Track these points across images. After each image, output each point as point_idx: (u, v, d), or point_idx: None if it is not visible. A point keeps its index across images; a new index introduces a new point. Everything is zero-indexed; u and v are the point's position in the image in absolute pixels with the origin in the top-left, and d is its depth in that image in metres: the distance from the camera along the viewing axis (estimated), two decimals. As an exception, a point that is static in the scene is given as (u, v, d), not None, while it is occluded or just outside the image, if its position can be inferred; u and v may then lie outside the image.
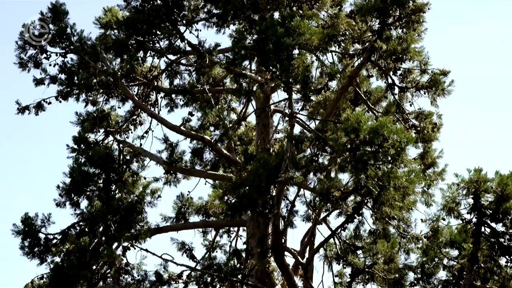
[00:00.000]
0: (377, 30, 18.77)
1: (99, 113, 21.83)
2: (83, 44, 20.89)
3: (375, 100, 21.20)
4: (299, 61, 18.04)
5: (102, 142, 21.74)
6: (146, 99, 22.29)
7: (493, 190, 18.52)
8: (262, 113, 21.87)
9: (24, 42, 20.96)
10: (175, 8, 20.64)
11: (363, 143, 16.49)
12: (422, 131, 20.60)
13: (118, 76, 20.53)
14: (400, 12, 18.56)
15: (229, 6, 19.87)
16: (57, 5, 20.99)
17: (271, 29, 18.03)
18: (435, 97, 19.53)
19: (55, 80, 21.26)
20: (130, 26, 20.42)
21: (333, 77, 19.19)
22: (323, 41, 18.66)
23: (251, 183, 17.65)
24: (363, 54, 19.09)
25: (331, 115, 19.55)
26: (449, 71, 19.42)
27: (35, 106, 21.54)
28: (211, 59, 20.45)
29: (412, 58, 18.81)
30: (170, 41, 20.85)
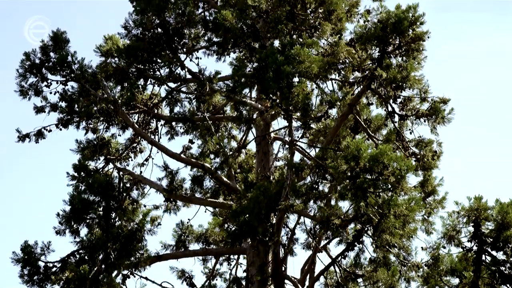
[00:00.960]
0: (377, 58, 18.85)
1: (99, 140, 21.85)
2: (83, 72, 20.96)
3: (375, 128, 21.22)
4: (299, 89, 18.09)
5: (102, 169, 21.75)
6: (146, 126, 22.33)
7: (493, 218, 18.52)
8: (262, 141, 21.89)
9: (25, 70, 21.04)
10: (175, 36, 20.73)
11: (363, 170, 16.50)
12: (422, 159, 20.59)
13: (118, 103, 20.58)
14: (400, 40, 18.65)
15: (229, 34, 19.95)
16: (58, 33, 21.09)
17: (271, 57, 18.10)
18: (435, 125, 19.55)
19: (56, 108, 21.30)
20: (130, 54, 20.49)
21: (333, 105, 19.23)
22: (323, 69, 18.73)
23: (251, 211, 17.65)
24: (363, 82, 19.15)
25: (331, 142, 19.56)
26: (449, 99, 19.47)
27: (35, 134, 21.57)
28: (212, 87, 20.51)
29: (412, 86, 18.86)
30: (171, 69, 20.92)
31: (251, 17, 20.11)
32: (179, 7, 20.54)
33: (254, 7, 19.97)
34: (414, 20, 18.55)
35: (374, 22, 18.80)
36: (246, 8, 19.88)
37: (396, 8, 18.54)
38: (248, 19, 19.98)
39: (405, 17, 18.38)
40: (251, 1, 19.90)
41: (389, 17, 18.53)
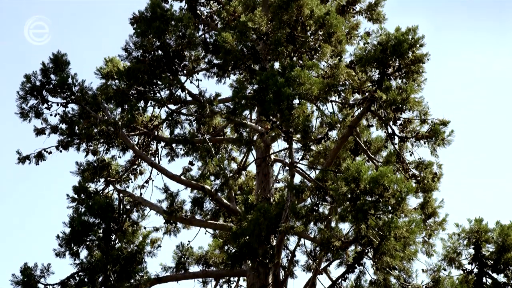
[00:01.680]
0: (377, 80, 18.89)
1: (99, 162, 21.85)
2: (84, 94, 21.01)
3: (375, 149, 21.24)
4: (299, 110, 18.12)
5: (102, 191, 21.74)
6: (147, 148, 22.33)
7: (494, 241, 18.48)
8: (263, 163, 21.89)
9: (26, 92, 21.08)
10: (176, 59, 20.78)
11: (363, 192, 16.50)
12: (422, 181, 20.59)
13: (118, 125, 20.60)
14: (400, 62, 18.70)
15: (230, 56, 20.01)
16: (58, 55, 21.16)
17: (272, 79, 18.15)
18: (435, 147, 19.55)
19: (56, 130, 21.33)
20: (131, 76, 20.54)
21: (333, 127, 19.27)
22: (323, 91, 18.78)
23: (251, 233, 17.63)
24: (363, 104, 19.18)
25: (331, 164, 19.57)
26: (449, 121, 19.48)
27: (35, 155, 21.57)
28: (212, 109, 20.54)
29: (412, 108, 18.89)
30: (171, 91, 20.96)
31: (251, 39, 20.18)
32: (179, 29, 20.61)
33: (254, 29, 20.05)
34: (413, 42, 18.61)
35: (374, 44, 18.86)
36: (246, 30, 19.95)
37: (395, 31, 18.61)
38: (248, 41, 20.05)
39: (405, 40, 18.45)
40: (251, 24, 19.97)
41: (389, 39, 18.59)
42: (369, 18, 24.04)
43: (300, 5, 19.59)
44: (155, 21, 20.29)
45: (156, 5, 20.49)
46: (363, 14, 24.01)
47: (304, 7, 19.60)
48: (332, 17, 19.58)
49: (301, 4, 19.56)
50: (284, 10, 19.61)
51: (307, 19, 19.73)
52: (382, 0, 23.91)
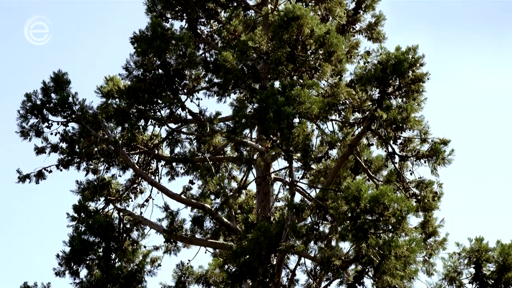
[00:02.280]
0: (377, 99, 18.92)
1: (99, 181, 21.84)
2: (84, 113, 21.03)
3: (376, 168, 21.24)
4: (300, 129, 18.14)
5: (102, 210, 21.71)
6: (147, 167, 22.33)
7: (494, 260, 18.43)
8: (263, 182, 21.88)
9: (26, 111, 21.11)
10: (176, 78, 20.83)
11: (363, 211, 16.49)
12: (423, 200, 20.58)
13: (119, 144, 20.62)
14: (400, 81, 18.74)
15: (230, 75, 20.05)
16: (59, 74, 21.20)
17: (272, 98, 18.18)
18: (436, 166, 19.56)
19: (56, 148, 21.33)
20: (131, 95, 20.58)
21: (333, 146, 19.28)
22: (323, 110, 18.80)
23: (251, 252, 17.60)
24: (363, 123, 19.20)
25: (331, 183, 19.56)
26: (449, 140, 19.48)
27: (35, 174, 21.57)
28: (212, 128, 20.56)
29: (412, 127, 18.91)
30: (171, 109, 20.98)
31: (251, 58, 20.23)
32: (180, 48, 20.67)
33: (254, 48, 20.11)
34: (414, 61, 18.66)
35: (374, 64, 18.90)
36: (246, 50, 20.01)
37: (396, 50, 18.66)
38: (248, 60, 20.10)
39: (405, 59, 18.49)
40: (252, 43, 20.03)
41: (389, 58, 18.63)
42: (369, 37, 24.11)
43: (300, 24, 19.65)
44: (155, 40, 20.35)
45: (156, 24, 20.56)
46: (363, 33, 24.09)
47: (304, 26, 19.66)
48: (332, 36, 19.64)
49: (301, 23, 19.62)
50: (285, 29, 19.67)
51: (308, 38, 19.79)
52: (382, 20, 24.00)
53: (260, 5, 23.63)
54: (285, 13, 19.64)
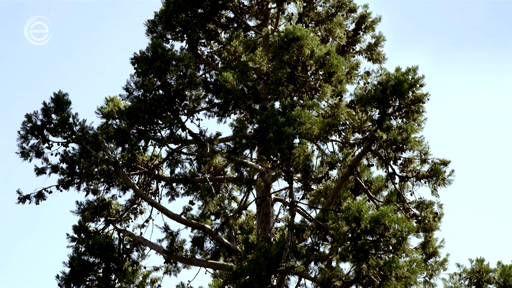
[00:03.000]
0: (377, 120, 18.94)
1: (99, 202, 21.82)
2: (85, 134, 21.05)
3: (376, 189, 21.23)
4: (300, 150, 18.16)
5: (102, 231, 21.68)
6: (147, 188, 22.33)
7: (495, 281, 18.40)
8: (263, 202, 21.87)
9: (26, 132, 21.13)
10: (176, 98, 20.86)
11: (364, 232, 16.47)
12: (423, 220, 20.56)
13: (119, 165, 20.62)
14: (400, 102, 18.77)
15: (230, 95, 20.09)
16: (60, 95, 21.24)
17: (272, 118, 18.20)
18: (436, 187, 19.55)
19: (57, 169, 21.34)
20: (132, 115, 20.61)
21: (333, 166, 19.28)
22: (323, 130, 18.82)
23: (251, 273, 17.56)
24: (363, 143, 19.22)
25: (332, 204, 19.55)
26: (449, 161, 19.50)
27: (36, 195, 21.55)
28: (212, 148, 20.57)
29: (412, 148, 18.92)
30: (172, 130, 20.99)
31: (252, 79, 20.27)
32: (180, 69, 20.71)
33: (255, 69, 20.16)
34: (414, 82, 18.70)
35: (374, 84, 18.94)
36: (247, 70, 20.05)
37: (396, 71, 18.70)
38: (249, 81, 20.14)
39: (405, 80, 18.53)
40: (252, 63, 20.08)
41: (389, 79, 18.67)
42: (369, 58, 24.18)
43: (300, 45, 19.71)
44: (156, 61, 20.40)
45: (157, 45, 20.61)
46: (363, 54, 24.16)
47: (304, 47, 19.72)
48: (333, 57, 19.70)
49: (301, 44, 19.68)
50: (285, 50, 19.72)
51: (308, 59, 19.84)
52: (381, 41, 24.08)
53: (261, 26, 23.72)
54: (285, 34, 19.71)
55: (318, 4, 23.44)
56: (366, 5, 23.91)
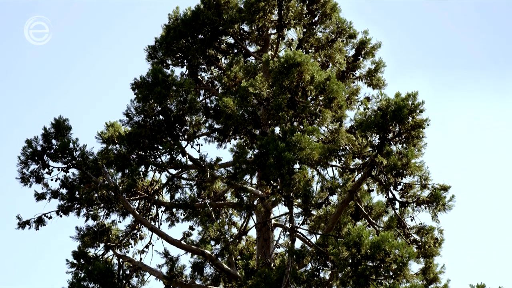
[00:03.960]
0: (377, 145, 18.95)
1: (99, 227, 21.80)
2: (85, 159, 21.06)
3: (376, 214, 21.20)
4: (300, 175, 18.15)
5: (102, 256, 21.63)
6: (147, 213, 22.31)
7: (496, 307, 18.31)
8: (263, 228, 21.84)
9: (27, 157, 21.14)
10: (177, 123, 20.89)
11: (364, 258, 16.43)
12: (424, 246, 20.51)
13: (119, 190, 20.61)
14: (400, 127, 18.79)
15: (231, 121, 20.13)
16: (60, 120, 21.27)
17: (272, 143, 18.22)
18: (436, 212, 19.54)
19: (57, 194, 21.33)
20: (132, 140, 20.63)
21: (333, 192, 19.28)
22: (323, 155, 18.83)
23: (252, 299, 17.49)
24: (363, 168, 19.22)
25: (332, 229, 19.51)
26: (450, 186, 19.49)
27: (35, 220, 21.53)
28: (212, 174, 20.57)
29: (413, 173, 18.92)
30: (172, 155, 21.01)
31: (252, 104, 20.32)
32: (180, 94, 20.76)
33: (255, 94, 20.20)
34: (413, 108, 18.73)
35: (374, 110, 18.97)
36: (247, 96, 20.10)
37: (395, 96, 18.74)
38: (249, 106, 20.18)
39: (405, 105, 18.56)
40: (252, 89, 20.13)
41: (389, 104, 18.70)
42: (369, 83, 24.25)
43: (300, 71, 19.76)
44: (156, 86, 20.45)
45: (157, 71, 20.67)
46: (363, 80, 24.23)
47: (304, 72, 19.78)
48: (333, 82, 19.75)
49: (301, 69, 19.74)
50: (285, 76, 19.78)
51: (308, 85, 19.89)
52: (381, 66, 24.15)
53: (261, 51, 23.81)
54: (285, 60, 19.77)
55: (318, 30, 23.54)
56: (366, 31, 24.02)
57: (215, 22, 22.99)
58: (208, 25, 23.08)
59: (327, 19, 23.34)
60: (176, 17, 23.65)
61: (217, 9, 23.20)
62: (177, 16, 23.65)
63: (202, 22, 23.02)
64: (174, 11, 23.75)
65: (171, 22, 23.64)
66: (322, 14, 23.24)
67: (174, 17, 23.70)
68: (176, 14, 23.71)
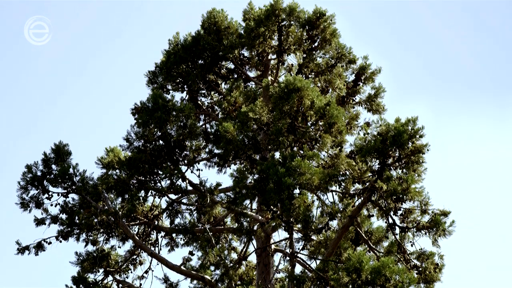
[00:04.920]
0: (377, 170, 18.96)
1: (99, 252, 21.74)
2: (85, 184, 21.05)
3: (376, 240, 21.17)
4: (300, 200, 18.14)
5: (101, 282, 21.56)
6: (147, 238, 22.26)
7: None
8: (263, 253, 21.78)
9: (27, 183, 21.14)
10: (177, 148, 20.91)
11: (365, 283, 16.38)
12: (424, 271, 20.45)
13: (119, 215, 20.59)
14: (400, 153, 18.80)
15: (231, 146, 20.14)
16: (60, 146, 21.29)
17: (272, 168, 18.22)
18: (436, 238, 19.50)
19: (56, 220, 21.30)
20: (132, 166, 20.63)
21: (334, 217, 19.26)
22: (323, 180, 18.82)
23: (252, 325, 17.42)
24: (363, 194, 19.21)
25: (332, 254, 19.47)
26: (450, 211, 19.47)
27: (35, 246, 21.48)
28: (212, 199, 20.56)
29: (413, 198, 18.91)
30: (172, 180, 21.01)
31: (252, 129, 20.35)
32: (180, 119, 20.79)
33: (255, 119, 20.24)
34: (413, 133, 18.75)
35: (374, 135, 19.00)
36: (247, 121, 20.14)
37: (395, 121, 18.77)
38: (249, 131, 20.21)
39: (405, 130, 18.59)
40: (252, 114, 20.16)
41: (389, 130, 18.73)
42: (368, 108, 24.30)
43: (301, 96, 19.82)
44: (156, 111, 20.49)
45: (157, 96, 20.72)
46: (363, 105, 24.28)
47: (304, 98, 19.83)
48: (333, 107, 19.79)
49: (301, 95, 19.79)
50: (285, 101, 19.82)
51: (308, 110, 19.93)
52: (381, 92, 24.21)
53: (261, 77, 23.89)
54: (285, 85, 19.83)
55: (318, 56, 23.63)
56: (366, 56, 24.12)
57: (215, 48, 23.08)
58: (208, 51, 23.17)
59: (327, 44, 23.43)
60: (177, 43, 23.74)
61: (217, 34, 23.31)
62: (177, 42, 23.75)
63: (202, 47, 23.11)
64: (175, 37, 23.85)
65: (171, 48, 23.74)
66: (322, 39, 23.33)
67: (174, 43, 23.79)
68: (176, 39, 23.81)
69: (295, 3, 23.03)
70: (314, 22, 23.11)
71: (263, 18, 22.77)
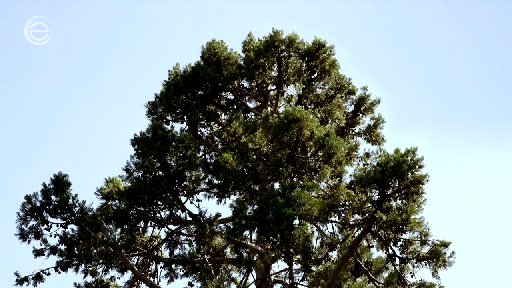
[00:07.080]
0: (376, 201, 18.95)
1: (98, 283, 21.67)
2: (84, 215, 21.02)
3: (376, 270, 21.10)
4: (300, 231, 18.12)
5: (100, 313, 21.49)
6: (146, 269, 22.19)
7: None
8: (263, 284, 21.71)
9: (26, 213, 21.10)
10: (176, 179, 20.91)
11: (365, 314, 16.33)
12: (425, 302, 20.37)
13: (118, 246, 20.53)
14: (399, 183, 18.81)
15: (230, 176, 20.15)
16: (60, 176, 21.28)
17: (272, 199, 18.22)
18: (436, 269, 19.44)
19: (55, 250, 21.24)
20: (131, 196, 20.62)
21: (333, 247, 19.22)
22: (323, 211, 18.82)
23: None
24: (363, 224, 19.18)
25: (332, 285, 19.41)
26: (450, 242, 19.43)
27: (34, 277, 21.39)
28: (212, 229, 20.53)
29: (412, 229, 18.88)
30: (171, 211, 20.99)
31: (251, 160, 20.37)
32: (180, 150, 20.82)
33: (254, 150, 20.27)
34: (413, 163, 18.77)
35: (374, 165, 19.01)
36: (246, 151, 20.16)
37: (395, 152, 18.79)
38: (248, 162, 20.23)
39: (404, 161, 18.60)
40: (252, 144, 20.20)
41: (388, 160, 18.75)
42: (368, 139, 24.33)
43: (300, 127, 19.86)
44: (156, 142, 20.52)
45: (157, 127, 20.76)
46: (362, 136, 24.32)
47: (304, 128, 19.87)
48: (332, 138, 19.82)
49: (301, 125, 19.83)
50: (285, 132, 19.87)
51: (307, 140, 19.96)
52: (381, 122, 24.26)
53: (260, 107, 23.94)
54: (285, 116, 19.88)
55: (318, 86, 23.71)
56: (365, 87, 24.20)
57: (215, 78, 23.17)
58: (208, 81, 23.26)
59: (326, 75, 23.52)
60: (176, 73, 23.84)
61: (217, 65, 23.41)
62: (177, 73, 23.85)
63: (202, 78, 23.21)
64: (174, 68, 23.95)
65: (171, 78, 23.83)
66: (321, 70, 23.43)
67: (174, 73, 23.89)
68: (176, 70, 23.91)
69: (294, 34, 23.15)
70: (313, 53, 23.22)
71: (262, 49, 22.87)
